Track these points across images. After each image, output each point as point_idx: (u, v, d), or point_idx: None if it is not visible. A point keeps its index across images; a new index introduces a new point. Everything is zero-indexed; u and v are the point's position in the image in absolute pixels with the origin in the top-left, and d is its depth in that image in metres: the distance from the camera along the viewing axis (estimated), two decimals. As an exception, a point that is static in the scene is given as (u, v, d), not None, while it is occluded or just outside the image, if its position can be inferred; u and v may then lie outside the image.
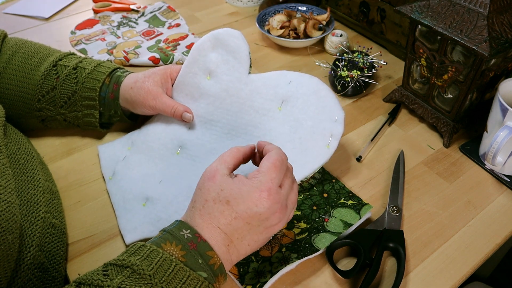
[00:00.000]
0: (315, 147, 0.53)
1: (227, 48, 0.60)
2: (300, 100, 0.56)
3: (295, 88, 0.56)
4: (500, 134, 0.53)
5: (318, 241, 0.49)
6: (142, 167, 0.58)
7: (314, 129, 0.54)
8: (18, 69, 0.60)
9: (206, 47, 0.61)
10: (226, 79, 0.59)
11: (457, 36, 0.54)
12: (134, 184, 0.56)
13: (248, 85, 0.59)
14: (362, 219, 0.51)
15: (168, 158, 0.59)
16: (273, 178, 0.41)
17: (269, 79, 0.58)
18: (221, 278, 0.40)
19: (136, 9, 1.00)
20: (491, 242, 0.51)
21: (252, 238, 0.42)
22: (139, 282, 0.35)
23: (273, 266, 0.47)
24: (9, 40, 0.63)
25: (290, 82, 0.57)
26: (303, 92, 0.56)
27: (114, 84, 0.61)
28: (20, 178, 0.49)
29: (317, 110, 0.55)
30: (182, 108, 0.59)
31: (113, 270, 0.36)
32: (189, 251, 0.38)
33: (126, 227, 0.52)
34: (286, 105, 0.57)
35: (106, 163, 0.60)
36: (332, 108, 0.55)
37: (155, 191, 0.55)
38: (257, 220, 0.41)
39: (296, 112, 0.56)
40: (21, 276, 0.42)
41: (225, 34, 0.60)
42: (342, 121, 0.54)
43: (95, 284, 0.35)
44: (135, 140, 0.62)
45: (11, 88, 0.60)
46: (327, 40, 0.83)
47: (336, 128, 0.54)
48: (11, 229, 0.39)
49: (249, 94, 0.58)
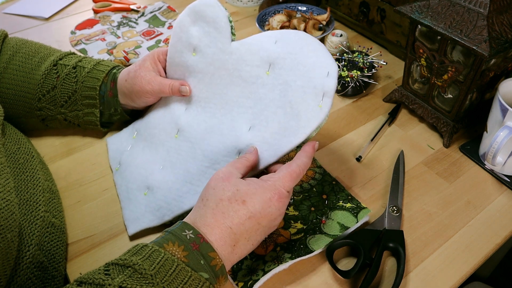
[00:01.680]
0: (307, 110, 0.49)
1: (206, 19, 0.57)
2: (288, 60, 0.51)
3: (281, 48, 0.52)
4: (500, 134, 0.52)
5: (313, 243, 0.48)
6: (145, 155, 0.58)
7: (304, 89, 0.50)
8: (18, 69, 0.60)
9: (186, 22, 0.58)
10: (210, 51, 0.57)
11: (457, 36, 0.54)
12: (137, 173, 0.56)
13: (233, 54, 0.55)
14: (359, 223, 0.51)
15: (168, 142, 0.58)
16: (286, 186, 0.43)
17: (252, 44, 0.55)
18: (221, 279, 0.40)
19: (136, 9, 1.00)
20: (491, 242, 0.51)
21: (257, 238, 0.43)
22: (141, 281, 0.35)
23: (266, 265, 0.47)
24: (9, 40, 0.63)
25: (276, 42, 0.53)
26: (290, 51, 0.52)
27: (111, 82, 0.61)
28: (19, 177, 0.49)
29: (306, 68, 0.50)
30: (178, 83, 0.58)
31: (114, 270, 0.36)
32: (191, 252, 0.38)
33: (129, 218, 0.52)
34: (273, 68, 0.53)
35: (113, 154, 0.61)
36: (323, 62, 0.50)
37: (155, 178, 0.55)
38: (267, 220, 0.42)
39: (284, 74, 0.52)
40: (20, 275, 0.42)
41: (201, 5, 0.57)
42: (335, 75, 0.49)
43: (96, 283, 0.35)
44: (139, 128, 0.62)
45: (12, 88, 0.60)
46: (327, 40, 0.83)
47: (328, 83, 0.48)
48: (10, 227, 0.39)
49: (235, 64, 0.55)
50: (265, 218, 0.42)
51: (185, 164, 0.55)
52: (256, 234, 0.42)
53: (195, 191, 0.52)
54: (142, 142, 0.60)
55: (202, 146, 0.55)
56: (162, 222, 0.52)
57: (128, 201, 0.54)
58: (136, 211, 0.53)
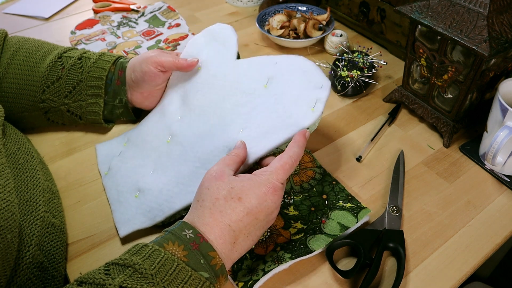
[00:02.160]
0: (300, 112, 0.52)
1: (218, 40, 0.64)
2: (286, 75, 0.56)
3: (280, 67, 0.57)
4: (500, 134, 0.52)
5: (313, 243, 0.48)
6: (136, 160, 0.59)
7: (298, 96, 0.54)
8: (23, 63, 0.61)
9: (200, 42, 0.64)
10: (215, 65, 0.62)
11: (457, 36, 0.54)
12: (128, 177, 0.57)
13: (235, 68, 0.60)
14: (359, 223, 0.51)
15: (160, 147, 0.59)
16: (280, 178, 0.44)
17: (255, 62, 0.60)
18: (222, 278, 0.40)
19: (136, 9, 1.00)
20: (491, 242, 0.51)
21: (256, 233, 0.43)
22: (141, 281, 0.35)
23: (266, 265, 0.47)
24: (11, 39, 0.63)
25: (276, 63, 0.58)
26: (289, 68, 0.56)
27: (119, 71, 0.63)
28: (19, 177, 0.49)
29: (301, 82, 0.55)
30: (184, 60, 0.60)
31: (115, 269, 0.36)
32: (191, 251, 0.38)
33: (120, 220, 0.52)
34: (271, 82, 0.57)
35: (102, 159, 0.61)
36: (318, 79, 0.54)
37: (146, 181, 0.55)
38: (264, 214, 0.43)
39: (281, 86, 0.56)
40: (20, 275, 0.42)
41: (217, 28, 0.65)
42: (327, 88, 0.53)
43: (96, 283, 0.35)
44: (130, 136, 0.63)
45: (16, 82, 0.60)
46: (327, 40, 0.83)
47: (321, 93, 0.52)
48: (10, 228, 0.39)
49: (236, 77, 0.59)
50: (262, 212, 0.42)
51: (176, 166, 0.55)
52: (255, 229, 0.43)
53: (186, 191, 0.52)
54: (133, 148, 0.61)
55: (194, 148, 0.55)
56: (153, 223, 0.52)
57: (119, 204, 0.54)
58: (127, 213, 0.53)
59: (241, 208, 0.41)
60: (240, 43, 0.88)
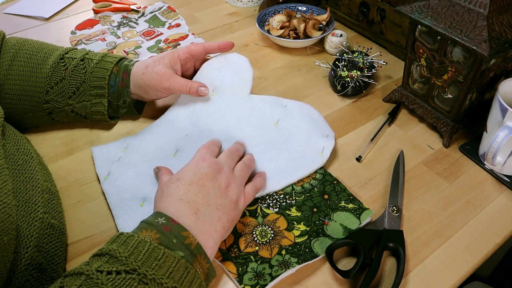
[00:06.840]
0: (310, 155, 0.59)
1: (233, 68, 0.67)
2: (295, 119, 0.63)
3: (290, 110, 0.64)
4: (500, 134, 0.53)
5: (318, 246, 0.49)
6: (139, 167, 0.59)
7: (307, 141, 0.60)
8: (24, 65, 0.61)
9: (215, 65, 0.67)
10: (229, 94, 0.66)
11: (457, 36, 0.54)
12: (131, 184, 0.57)
13: (249, 103, 0.65)
14: (362, 225, 0.51)
15: (165, 159, 0.60)
16: (202, 153, 0.51)
17: (268, 100, 0.66)
18: (201, 259, 0.41)
19: (136, 9, 1.00)
20: (491, 242, 0.51)
21: (217, 201, 0.46)
22: (116, 265, 0.37)
23: (273, 269, 0.47)
24: (9, 40, 0.63)
25: (286, 106, 0.65)
26: (297, 113, 0.64)
27: (124, 73, 0.63)
28: (18, 178, 0.49)
29: (309, 128, 0.62)
30: (197, 84, 0.63)
31: (94, 259, 0.39)
32: (163, 234, 0.41)
33: (124, 227, 0.52)
34: (282, 122, 0.63)
35: (100, 163, 0.60)
36: (324, 127, 0.62)
37: (152, 191, 0.55)
38: (207, 180, 0.47)
39: (290, 128, 0.62)
40: (18, 277, 0.41)
41: (234, 57, 0.68)
42: (333, 137, 0.61)
43: (76, 272, 0.38)
44: (131, 143, 0.63)
45: (19, 84, 0.60)
46: (327, 40, 0.83)
47: (328, 142, 0.60)
48: (6, 230, 0.39)
49: (249, 110, 0.65)
50: (203, 179, 0.47)
51: None
52: (212, 197, 0.46)
53: None
54: (134, 155, 0.61)
55: None
56: None
57: (122, 211, 0.54)
58: (133, 221, 0.53)
59: (182, 183, 0.46)
60: (240, 43, 0.88)
